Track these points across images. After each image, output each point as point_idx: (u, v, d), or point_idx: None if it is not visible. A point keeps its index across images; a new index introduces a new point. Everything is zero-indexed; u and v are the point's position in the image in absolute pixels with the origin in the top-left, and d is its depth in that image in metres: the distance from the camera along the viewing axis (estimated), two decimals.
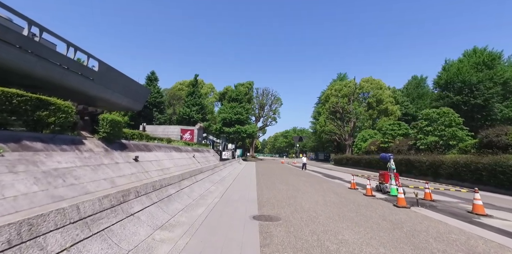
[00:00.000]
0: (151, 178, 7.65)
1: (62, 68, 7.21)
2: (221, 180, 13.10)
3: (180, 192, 7.20)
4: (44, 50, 6.66)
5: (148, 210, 4.71)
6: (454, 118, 20.37)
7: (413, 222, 5.81)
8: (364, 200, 8.88)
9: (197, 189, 8.75)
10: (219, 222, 5.48)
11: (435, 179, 17.16)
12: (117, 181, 6.06)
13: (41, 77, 6.76)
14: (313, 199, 8.74)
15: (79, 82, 7.79)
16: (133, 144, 9.00)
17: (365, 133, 36.82)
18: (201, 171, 11.17)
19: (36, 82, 7.06)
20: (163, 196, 5.91)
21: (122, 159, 7.42)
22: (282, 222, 5.58)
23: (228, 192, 9.71)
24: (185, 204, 6.60)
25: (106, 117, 7.61)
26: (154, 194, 5.47)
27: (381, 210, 7.10)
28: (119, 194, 4.06)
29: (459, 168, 14.56)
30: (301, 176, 18.69)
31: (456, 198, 9.83)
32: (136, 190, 4.71)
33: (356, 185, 12.14)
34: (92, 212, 3.21)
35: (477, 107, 32.70)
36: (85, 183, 5.18)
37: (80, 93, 8.24)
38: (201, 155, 16.71)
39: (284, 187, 11.69)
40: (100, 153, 6.76)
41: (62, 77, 7.27)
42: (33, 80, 6.95)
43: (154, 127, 28.22)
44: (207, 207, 6.86)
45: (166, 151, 11.12)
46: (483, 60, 33.91)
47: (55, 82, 7.21)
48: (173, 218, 5.23)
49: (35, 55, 6.48)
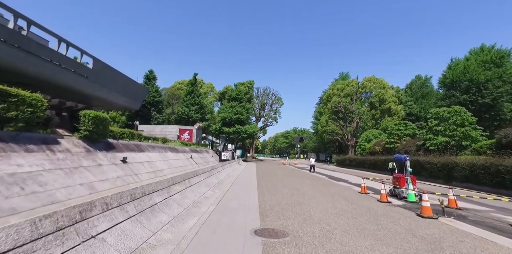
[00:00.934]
0: (141, 181, 6.64)
1: (53, 65, 6.48)
2: (219, 183, 12.05)
3: (169, 200, 6.16)
4: (32, 45, 5.91)
5: (120, 227, 3.67)
6: (466, 117, 19.27)
7: (452, 240, 4.74)
8: (380, 207, 7.82)
9: (190, 195, 7.70)
10: (212, 239, 4.43)
11: (448, 182, 16.07)
12: (97, 186, 5.06)
13: (30, 74, 6.05)
14: (322, 206, 7.68)
15: (72, 80, 7.04)
16: (123, 143, 7.99)
17: (369, 133, 35.76)
18: (197, 173, 10.12)
19: (25, 80, 6.33)
20: (145, 206, 4.86)
21: (107, 161, 6.40)
22: (291, 240, 4.53)
23: (226, 198, 8.66)
24: (173, 215, 5.55)
25: (88, 114, 6.59)
26: (132, 204, 4.42)
27: (405, 222, 6.03)
28: (75, 210, 3.02)
29: (476, 170, 13.48)
30: (304, 178, 17.63)
31: (484, 206, 8.77)
32: (105, 202, 3.67)
33: (367, 189, 11.07)
34: (12, 246, 2.12)
35: (485, 106, 31.64)
36: (54, 190, 4.17)
37: (75, 92, 7.54)
38: (199, 156, 15.67)
39: (287, 191, 10.63)
40: (80, 154, 5.74)
41: (54, 74, 6.58)
42: (21, 77, 6.22)
43: (151, 126, 27.34)
44: (200, 218, 5.81)
45: (161, 152, 10.11)
46: (491, 58, 32.83)
47: (46, 80, 6.47)
48: (154, 236, 4.18)
49: (23, 50, 5.74)
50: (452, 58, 38.40)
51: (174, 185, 7.17)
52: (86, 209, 3.26)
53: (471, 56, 35.68)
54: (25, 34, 6.05)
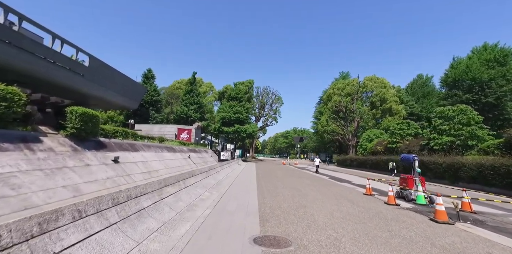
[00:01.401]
0: (133, 182, 6.12)
1: (48, 62, 6.16)
2: (216, 184, 11.51)
3: (160, 203, 5.62)
4: (25, 41, 5.57)
5: (95, 238, 3.14)
6: (472, 116, 18.73)
7: (478, 252, 4.20)
8: (389, 210, 7.29)
9: (185, 197, 7.16)
10: (206, 249, 3.89)
11: (453, 182, 15.56)
12: (84, 188, 4.54)
13: (24, 71, 5.70)
14: (327, 210, 7.15)
15: (67, 78, 6.71)
16: (115, 142, 7.48)
17: (370, 133, 35.23)
18: (193, 174, 9.58)
19: (19, 78, 6.03)
20: (130, 212, 4.32)
21: (97, 160, 5.88)
22: (294, 250, 3.99)
23: (223, 200, 8.13)
24: (164, 220, 5.01)
25: (76, 110, 6.05)
26: (114, 210, 3.89)
27: (419, 227, 5.50)
28: (31, 222, 2.46)
29: (484, 170, 12.96)
30: (305, 178, 17.10)
31: (499, 209, 8.24)
32: (77, 209, 3.13)
33: (372, 190, 10.54)
34: None
35: (489, 106, 31.14)
36: (30, 194, 3.65)
37: (72, 91, 7.22)
38: (197, 156, 15.13)
39: (288, 193, 10.10)
40: (65, 153, 5.22)
41: (48, 72, 6.23)
42: (15, 75, 5.94)
43: (150, 126, 26.89)
44: (194, 223, 5.27)
45: (157, 151, 9.59)
46: (495, 56, 32.32)
47: (40, 78, 6.12)
48: (139, 247, 3.65)
49: (14, 46, 5.42)
50: (455, 57, 37.92)
51: (167, 186, 6.63)
52: (48, 219, 2.71)
53: (473, 55, 35.17)
54: (17, 30, 5.73)
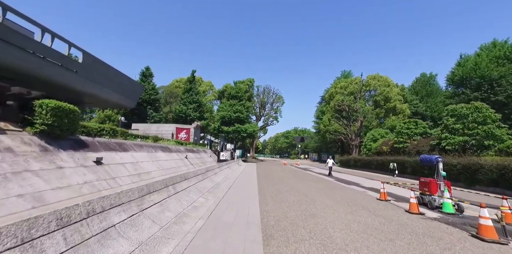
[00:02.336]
0: (119, 186, 5.06)
1: (37, 57, 5.58)
2: (214, 187, 10.41)
3: (139, 216, 4.52)
4: (10, 34, 4.97)
5: None
6: (489, 114, 17.56)
7: None
8: (415, 222, 6.17)
9: (174, 206, 6.06)
10: None
11: (470, 185, 14.43)
12: (49, 196, 3.49)
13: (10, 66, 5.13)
14: (341, 220, 6.05)
15: (59, 75, 6.15)
16: (100, 141, 6.40)
17: (375, 132, 34.08)
18: (186, 177, 8.47)
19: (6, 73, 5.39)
20: (90, 233, 3.23)
21: (73, 162, 4.80)
22: None
23: (220, 208, 7.02)
24: (141, 240, 3.90)
25: (46, 103, 4.96)
26: (60, 236, 2.78)
27: (464, 248, 4.38)
28: None
29: (507, 173, 11.83)
30: (309, 180, 15.98)
31: None
32: None
33: (387, 195, 9.43)
34: None
35: (498, 104, 29.94)
36: None
37: (67, 89, 6.72)
38: (195, 156, 14.04)
39: (294, 198, 9.00)
40: (29, 154, 4.15)
41: (38, 67, 5.67)
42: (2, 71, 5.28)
43: (147, 125, 25.88)
44: (180, 243, 4.17)
45: (150, 151, 8.54)
46: (505, 53, 31.12)
47: (29, 74, 5.57)
48: None
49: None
50: (462, 54, 36.72)
51: (151, 194, 5.52)
52: None
53: (482, 52, 33.96)
54: (0, 21, 4.90)
